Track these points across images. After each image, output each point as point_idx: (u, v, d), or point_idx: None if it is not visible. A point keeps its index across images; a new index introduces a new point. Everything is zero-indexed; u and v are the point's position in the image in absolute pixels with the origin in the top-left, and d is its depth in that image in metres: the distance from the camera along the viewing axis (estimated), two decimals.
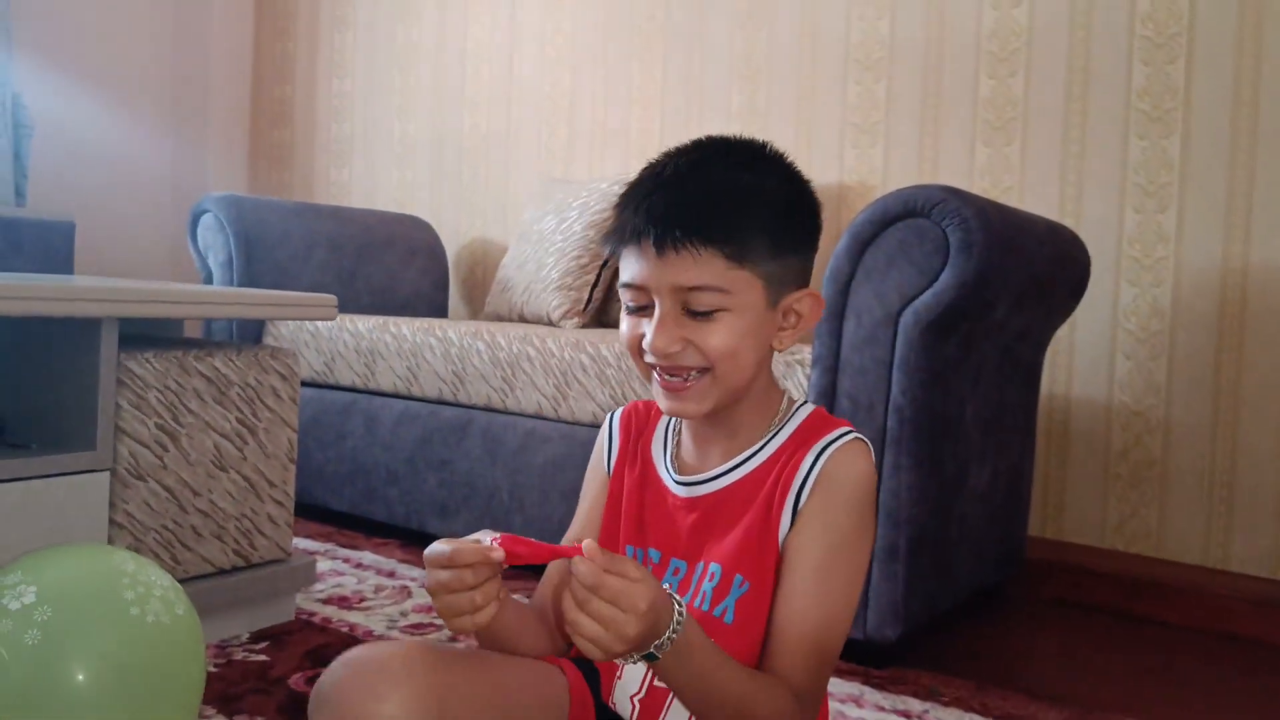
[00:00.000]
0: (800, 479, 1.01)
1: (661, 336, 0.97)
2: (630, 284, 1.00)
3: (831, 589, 0.99)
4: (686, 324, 0.98)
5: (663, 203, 0.98)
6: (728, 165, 1.01)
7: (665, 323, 0.97)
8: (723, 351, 0.97)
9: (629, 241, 0.99)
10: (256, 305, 1.76)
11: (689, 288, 0.96)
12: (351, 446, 2.53)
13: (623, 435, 1.15)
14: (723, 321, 0.97)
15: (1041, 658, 1.96)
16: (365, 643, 1.02)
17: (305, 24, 3.96)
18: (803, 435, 1.04)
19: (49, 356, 1.61)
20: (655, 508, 1.08)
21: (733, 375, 0.99)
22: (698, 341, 0.97)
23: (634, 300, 1.00)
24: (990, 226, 1.67)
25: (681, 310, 0.98)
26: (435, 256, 3.31)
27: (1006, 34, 2.49)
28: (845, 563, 1.00)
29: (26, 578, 1.11)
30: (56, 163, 3.60)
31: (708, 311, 0.97)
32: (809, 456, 1.01)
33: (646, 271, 0.98)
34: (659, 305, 0.98)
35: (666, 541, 1.06)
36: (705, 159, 1.02)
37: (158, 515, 1.64)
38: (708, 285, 0.96)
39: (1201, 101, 2.26)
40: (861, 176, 2.70)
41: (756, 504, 1.02)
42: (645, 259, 0.97)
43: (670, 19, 3.03)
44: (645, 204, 0.98)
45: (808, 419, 1.06)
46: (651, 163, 1.04)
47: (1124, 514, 2.33)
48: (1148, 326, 2.31)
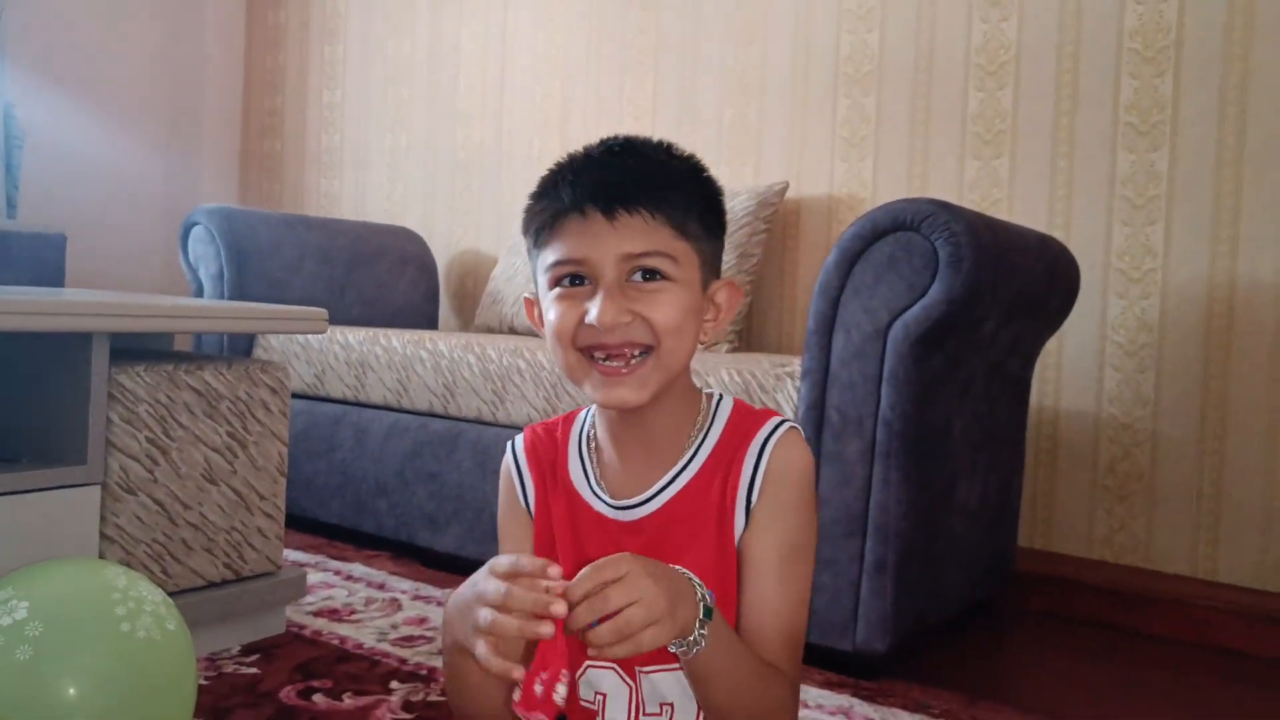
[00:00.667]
0: (747, 478, 1.00)
1: (610, 307, 0.93)
2: (569, 259, 0.95)
3: (796, 580, 1.00)
4: (632, 296, 0.94)
5: (606, 173, 0.96)
6: (653, 150, 1.01)
7: (612, 292, 0.93)
8: (669, 325, 0.94)
9: (568, 213, 0.95)
10: (247, 319, 1.76)
11: (639, 253, 0.94)
12: (341, 459, 2.53)
13: (533, 469, 1.09)
14: (669, 293, 0.95)
15: (1031, 670, 1.97)
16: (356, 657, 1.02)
17: (296, 36, 3.96)
18: (733, 431, 1.03)
19: (40, 370, 1.61)
20: (594, 538, 1.03)
21: (674, 356, 0.96)
22: (645, 313, 0.94)
23: (570, 278, 0.96)
24: (979, 241, 1.68)
25: (625, 282, 0.95)
26: (426, 268, 3.31)
27: (995, 48, 2.51)
28: (803, 553, 1.01)
29: (18, 593, 1.10)
30: (47, 174, 3.60)
31: (654, 277, 0.94)
32: (750, 454, 1.00)
33: (590, 242, 0.94)
34: (605, 277, 0.94)
35: None
36: (629, 145, 1.00)
37: (148, 529, 1.64)
38: (658, 250, 0.94)
39: (1189, 115, 2.28)
40: (851, 190, 2.71)
41: (707, 514, 1.00)
42: (588, 230, 0.94)
43: (662, 33, 3.05)
44: (585, 177, 0.96)
45: (732, 414, 1.04)
46: (568, 155, 1.01)
47: (1112, 526, 2.35)
48: (1136, 339, 2.32)
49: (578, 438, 1.09)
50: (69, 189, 3.67)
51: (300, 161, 3.96)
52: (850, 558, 1.75)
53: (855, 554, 1.75)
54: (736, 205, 2.60)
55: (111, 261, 3.76)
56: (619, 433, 1.04)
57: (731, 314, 1.03)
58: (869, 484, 1.74)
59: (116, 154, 3.85)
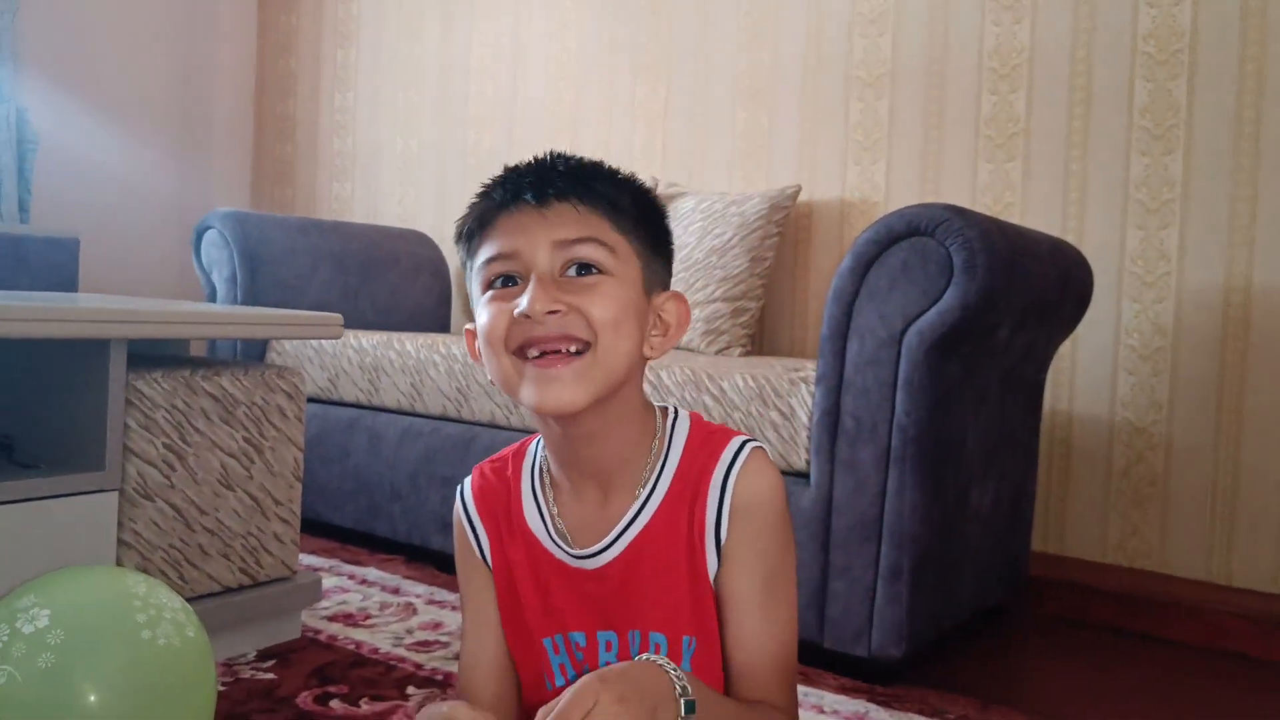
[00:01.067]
0: (714, 512, 0.95)
1: (541, 295, 0.87)
2: (499, 254, 0.91)
3: (779, 611, 0.96)
4: (567, 289, 0.89)
5: (537, 168, 0.94)
6: (590, 160, 0.97)
7: (544, 281, 0.88)
8: (607, 319, 0.88)
9: (499, 209, 0.92)
10: (265, 325, 1.77)
11: (573, 239, 0.89)
12: (355, 463, 2.53)
13: (485, 518, 1.02)
14: (607, 285, 0.90)
15: (1045, 675, 1.97)
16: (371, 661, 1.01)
17: (308, 40, 3.98)
18: (693, 458, 0.97)
19: (57, 377, 1.61)
20: (559, 586, 0.98)
21: (613, 354, 0.89)
22: (582, 306, 0.88)
23: (501, 276, 0.92)
24: (994, 246, 1.68)
25: (560, 276, 0.90)
26: (438, 272, 3.32)
27: (1008, 51, 2.51)
28: (784, 581, 0.97)
29: (39, 601, 1.11)
30: (60, 179, 3.61)
31: (589, 271, 0.90)
32: (714, 485, 0.95)
33: (520, 233, 0.90)
34: (536, 268, 0.89)
35: (586, 619, 0.98)
36: (565, 154, 0.97)
37: (165, 534, 1.64)
38: (591, 236, 0.90)
39: (1203, 119, 2.27)
40: (864, 194, 2.71)
41: (675, 552, 0.96)
42: (518, 222, 0.91)
43: (674, 37, 3.05)
44: (515, 175, 0.94)
45: (690, 435, 0.99)
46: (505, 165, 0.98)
47: (1126, 531, 2.34)
48: (1150, 344, 2.32)
49: (529, 474, 1.02)
50: (81, 193, 3.68)
51: (312, 165, 3.97)
52: (865, 564, 1.75)
53: (870, 560, 1.75)
54: (749, 209, 2.60)
55: (123, 265, 3.77)
56: (568, 460, 0.98)
57: (683, 329, 0.97)
58: (884, 490, 1.74)
59: (129, 158, 3.86)
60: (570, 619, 0.99)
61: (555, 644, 1.00)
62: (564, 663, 1.01)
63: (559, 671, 1.01)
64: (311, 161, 3.97)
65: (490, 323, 0.91)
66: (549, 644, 1.00)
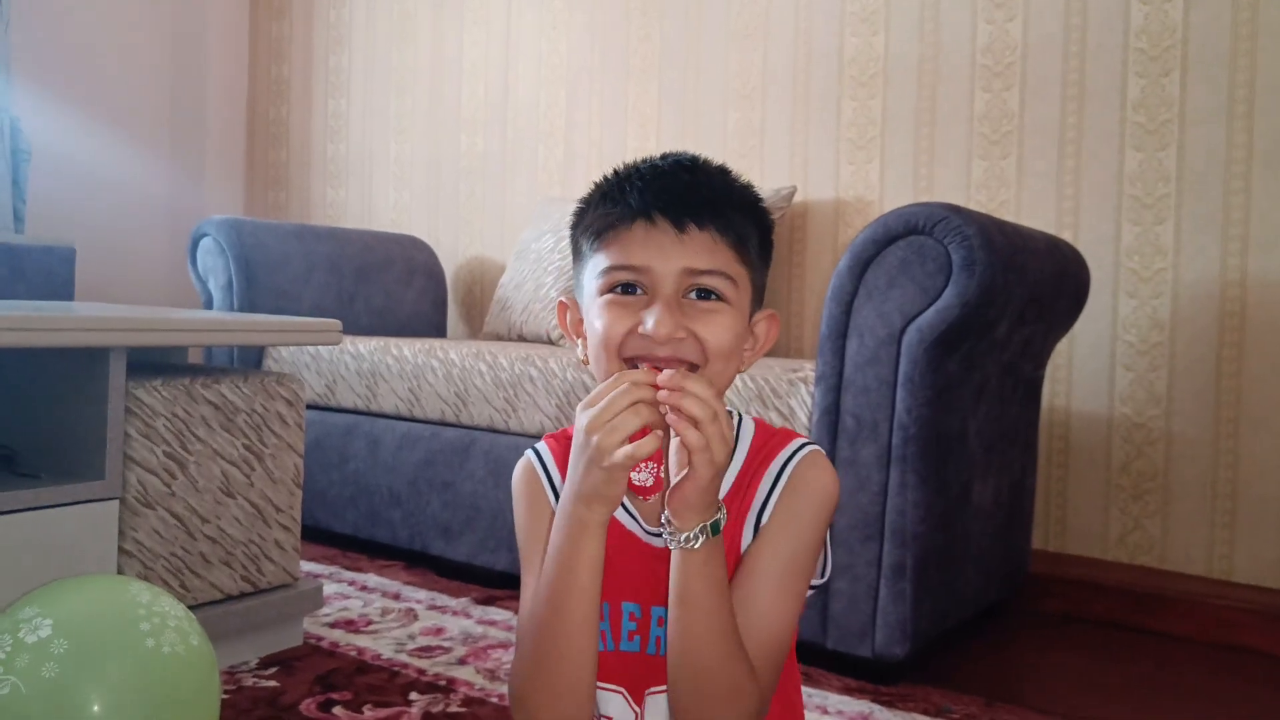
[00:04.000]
0: (764, 494, 0.99)
1: (668, 320, 0.91)
2: (627, 265, 0.93)
3: (788, 597, 0.98)
4: (688, 313, 0.92)
5: (679, 186, 0.94)
6: (719, 172, 0.99)
7: (671, 306, 0.92)
8: (720, 347, 0.93)
9: (634, 219, 0.94)
10: (265, 332, 1.77)
11: (703, 270, 0.92)
12: (354, 469, 2.53)
13: (563, 471, 1.02)
14: (724, 315, 0.93)
15: (1049, 672, 1.97)
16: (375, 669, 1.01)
17: (300, 46, 3.97)
18: (757, 453, 1.02)
19: (57, 386, 1.61)
20: (623, 558, 1.00)
21: (719, 380, 0.94)
22: (700, 333, 0.92)
23: (624, 285, 0.94)
24: (992, 244, 1.68)
25: (682, 296, 0.93)
26: (434, 276, 3.32)
27: (1001, 48, 2.51)
28: (802, 573, 0.99)
29: (43, 611, 1.11)
30: (54, 188, 3.60)
31: (708, 296, 0.93)
32: (771, 471, 1.00)
33: (654, 252, 0.92)
34: (662, 289, 0.92)
35: (644, 592, 1.00)
36: (697, 162, 0.99)
37: (167, 543, 1.64)
38: (720, 270, 0.93)
39: (1197, 114, 2.28)
40: (858, 192, 2.71)
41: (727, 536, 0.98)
42: (653, 239, 0.93)
43: (665, 38, 3.05)
44: (655, 185, 0.94)
45: (756, 435, 1.04)
46: (631, 163, 0.99)
47: (1127, 526, 2.34)
48: (1148, 339, 2.32)
49: None
50: (75, 202, 3.68)
51: (306, 171, 3.96)
52: (868, 562, 1.75)
53: (873, 558, 1.75)
54: None
55: (119, 273, 3.76)
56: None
57: (768, 345, 1.02)
58: (885, 488, 1.74)
59: (122, 166, 3.85)
60: (628, 589, 1.01)
61: (602, 610, 1.02)
62: (606, 629, 1.02)
63: (600, 638, 1.01)
64: (305, 167, 3.96)
65: (609, 329, 0.94)
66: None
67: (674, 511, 0.91)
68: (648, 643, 1.00)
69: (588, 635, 0.95)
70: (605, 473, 0.88)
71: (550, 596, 0.95)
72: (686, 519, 0.90)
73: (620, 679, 1.02)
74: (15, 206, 3.40)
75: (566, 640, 0.94)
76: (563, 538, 0.94)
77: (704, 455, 0.87)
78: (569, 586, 0.93)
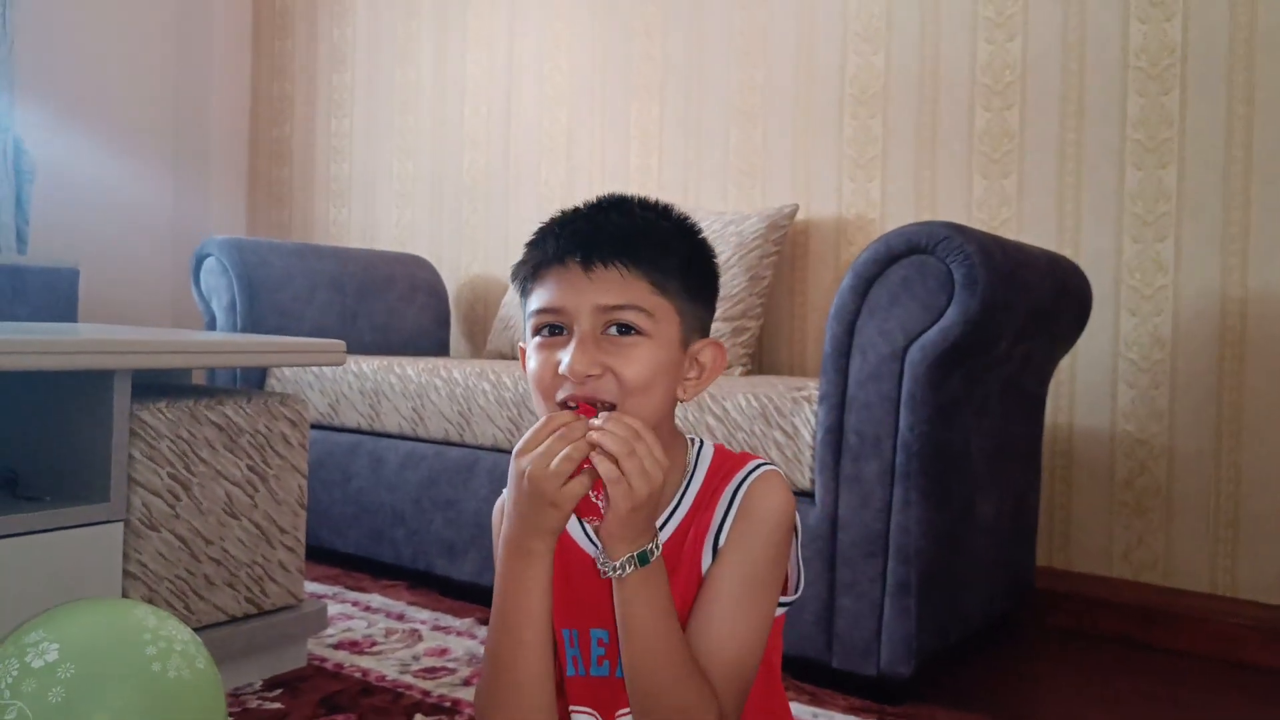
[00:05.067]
0: (719, 517, 1.02)
1: (581, 358, 0.95)
2: (548, 308, 0.98)
3: (749, 618, 1.00)
4: (606, 349, 0.96)
5: (589, 226, 0.99)
6: (644, 209, 1.03)
7: (585, 343, 0.96)
8: (638, 382, 0.96)
9: (550, 263, 0.98)
10: (270, 353, 1.77)
11: (614, 305, 0.96)
12: (357, 488, 2.53)
13: None
14: (643, 349, 0.97)
15: (1054, 689, 1.96)
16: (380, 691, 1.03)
17: (304, 64, 3.99)
18: (713, 477, 1.05)
19: (61, 408, 1.61)
20: (588, 585, 1.03)
21: (640, 413, 0.96)
22: (616, 368, 0.95)
23: (548, 326, 0.99)
24: (994, 262, 1.68)
25: (600, 335, 0.97)
26: (436, 294, 3.32)
27: (1000, 67, 2.52)
28: (763, 593, 1.01)
29: (49, 635, 1.11)
30: (57, 208, 3.62)
31: (628, 331, 0.96)
32: (725, 495, 1.03)
33: (567, 292, 0.97)
34: (579, 327, 0.96)
35: (611, 618, 1.01)
36: (623, 202, 1.03)
37: (171, 565, 1.64)
38: (633, 304, 0.96)
39: (1196, 131, 2.29)
40: (859, 210, 2.72)
41: (683, 560, 1.02)
42: (567, 280, 0.97)
43: (667, 56, 3.06)
44: (569, 229, 0.99)
45: (713, 461, 1.07)
46: (562, 210, 1.04)
47: (1130, 542, 2.34)
48: (1149, 355, 2.33)
49: None
50: (78, 222, 3.69)
51: (309, 189, 3.97)
52: (872, 580, 1.75)
53: (877, 576, 1.75)
54: (746, 228, 2.61)
55: (122, 293, 3.77)
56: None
57: (716, 374, 1.05)
58: (889, 506, 1.74)
59: (125, 186, 3.87)
60: (592, 616, 1.04)
61: (571, 637, 1.06)
62: (577, 655, 1.07)
63: (571, 663, 1.07)
64: (308, 186, 3.97)
65: (538, 372, 0.99)
66: (566, 635, 1.06)
67: (603, 542, 0.95)
68: (617, 667, 1.02)
69: (542, 658, 0.98)
70: (554, 510, 0.93)
71: (502, 621, 0.99)
72: (614, 549, 0.94)
73: (592, 702, 1.06)
74: (18, 227, 3.41)
75: (520, 661, 0.98)
76: (510, 567, 0.98)
77: (619, 488, 0.91)
78: (519, 611, 0.97)
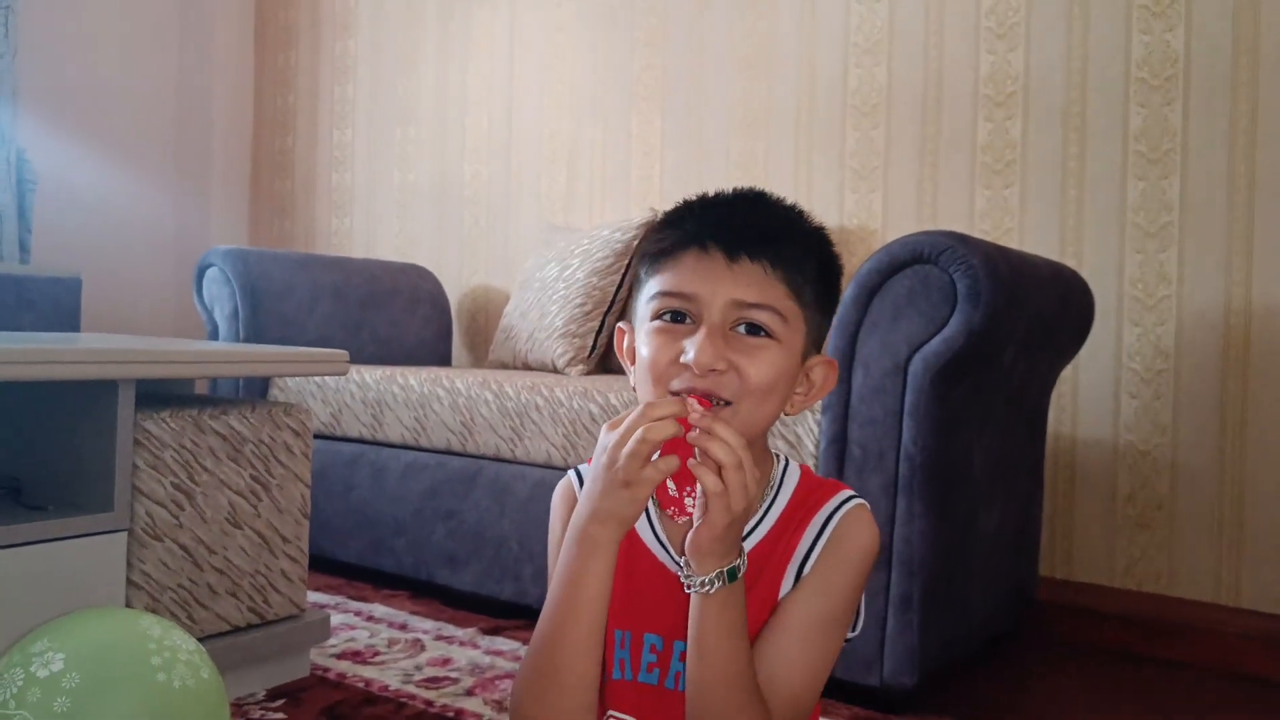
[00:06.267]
0: (807, 544, 0.98)
1: (710, 350, 0.90)
2: (677, 291, 0.93)
3: (818, 651, 0.97)
4: (734, 345, 0.92)
5: (736, 216, 0.95)
6: (786, 208, 1.00)
7: (714, 335, 0.91)
8: (761, 383, 0.92)
9: (689, 245, 0.94)
10: (274, 363, 1.77)
11: (751, 303, 0.92)
12: (359, 498, 2.53)
13: None
14: (770, 351, 0.93)
15: (1058, 700, 1.96)
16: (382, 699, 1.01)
17: (306, 76, 4.00)
18: (801, 499, 1.01)
19: (64, 418, 1.61)
20: (650, 589, 1.00)
21: (754, 416, 0.93)
22: (742, 366, 0.91)
23: (672, 311, 0.94)
24: (997, 273, 1.69)
25: (729, 328, 0.93)
26: (438, 305, 3.33)
27: (1003, 78, 2.53)
28: (835, 630, 0.98)
29: (53, 644, 1.11)
30: (60, 217, 3.62)
31: (757, 332, 0.92)
32: (815, 522, 0.99)
33: (703, 279, 0.92)
34: (708, 317, 0.92)
35: (668, 625, 0.99)
36: (763, 196, 0.99)
37: (174, 574, 1.64)
38: (770, 305, 0.92)
39: (1199, 142, 2.29)
40: (861, 221, 2.72)
41: (760, 580, 0.99)
42: (704, 267, 0.93)
43: (668, 68, 3.07)
44: (713, 214, 0.95)
45: (801, 481, 1.03)
46: (700, 193, 1.00)
47: (1133, 554, 2.34)
48: (1152, 366, 2.33)
49: None
50: (81, 232, 3.69)
51: (311, 200, 3.98)
52: (875, 592, 1.75)
53: (880, 588, 1.74)
54: None
55: (124, 303, 3.78)
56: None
57: (824, 392, 1.01)
58: (892, 518, 1.74)
59: (128, 196, 3.87)
60: (653, 621, 1.00)
61: (623, 638, 1.02)
62: (625, 659, 1.02)
63: (618, 666, 1.02)
64: (310, 197, 3.98)
65: (653, 357, 0.94)
66: (619, 635, 1.02)
67: (691, 555, 0.91)
68: (666, 676, 1.00)
69: (589, 654, 0.94)
70: (628, 493, 0.88)
71: (554, 612, 0.95)
72: (703, 564, 0.90)
73: (633, 710, 1.02)
74: (21, 237, 3.42)
75: (566, 657, 0.94)
76: (572, 555, 0.94)
77: (721, 501, 0.87)
78: (574, 603, 0.93)
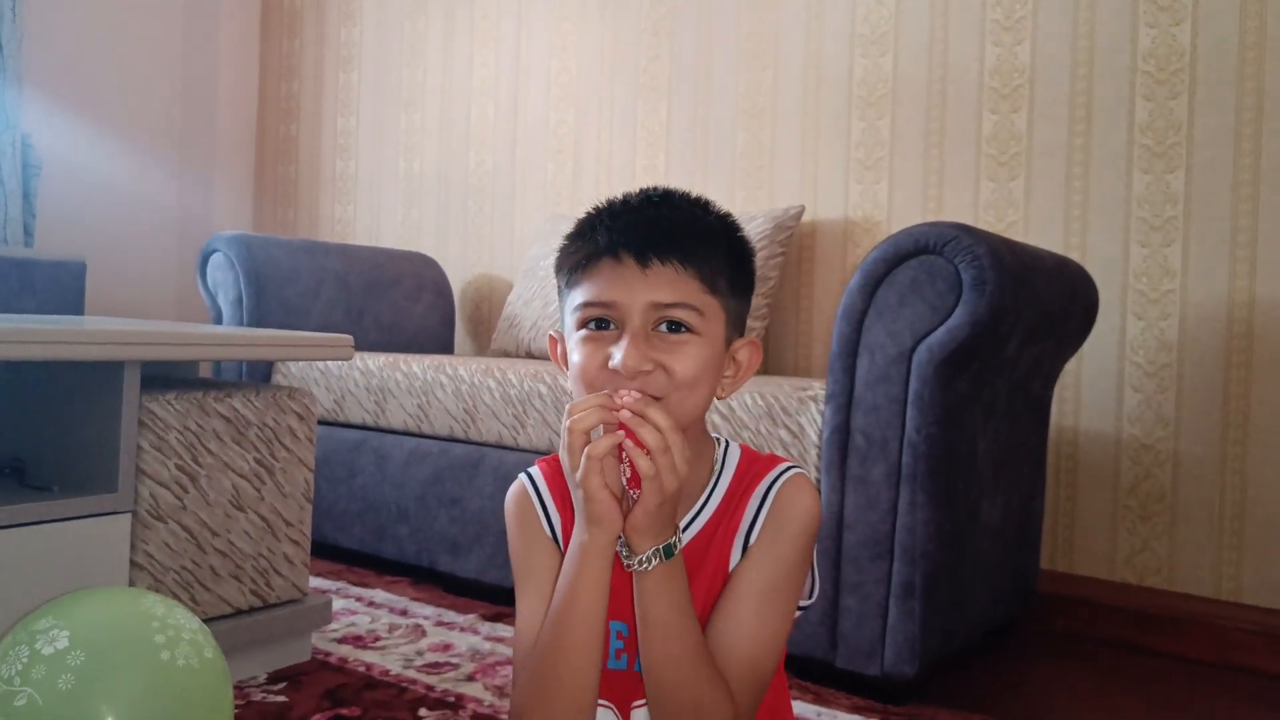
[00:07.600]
0: (750, 517, 1.03)
1: (635, 354, 0.94)
2: (597, 301, 0.98)
3: (771, 618, 1.01)
4: (656, 345, 0.96)
5: (643, 222, 0.98)
6: (690, 204, 1.04)
7: (638, 340, 0.95)
8: (688, 377, 0.96)
9: (602, 256, 0.98)
10: (278, 347, 1.77)
11: (667, 303, 0.96)
12: (362, 484, 2.53)
13: (556, 499, 1.08)
14: (693, 345, 0.97)
15: (1057, 692, 1.96)
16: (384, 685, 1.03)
17: (311, 63, 3.99)
18: (742, 477, 1.06)
19: (70, 399, 1.62)
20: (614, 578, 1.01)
21: (684, 407, 0.97)
22: (667, 364, 0.96)
23: (596, 320, 0.98)
24: (1002, 264, 1.69)
25: (650, 331, 0.97)
26: (442, 293, 3.33)
27: (1009, 70, 2.52)
28: (786, 595, 1.02)
29: (58, 622, 1.11)
30: (65, 202, 3.62)
31: (678, 329, 0.96)
32: (756, 494, 1.03)
33: (620, 288, 0.97)
34: (630, 323, 0.96)
35: (629, 612, 1.01)
36: (668, 196, 1.03)
37: (177, 556, 1.64)
38: (686, 303, 0.96)
39: (1204, 136, 2.29)
40: (866, 212, 2.72)
41: (709, 558, 1.03)
42: (619, 275, 0.97)
43: (675, 58, 3.07)
44: (621, 221, 0.99)
45: (741, 459, 1.08)
46: (607, 200, 1.04)
47: (1135, 547, 2.34)
48: (1155, 360, 2.33)
49: None
50: (85, 216, 3.69)
51: (315, 187, 3.98)
52: (877, 581, 1.75)
53: (882, 577, 1.75)
54: (753, 229, 2.61)
55: (128, 287, 3.78)
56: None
57: (751, 372, 1.06)
58: (895, 507, 1.74)
59: (132, 181, 3.87)
60: (616, 609, 1.02)
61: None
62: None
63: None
64: (314, 184, 3.98)
65: (583, 364, 0.98)
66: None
67: (628, 535, 0.95)
68: (634, 661, 1.03)
69: (589, 659, 0.98)
70: (583, 488, 0.93)
71: (554, 620, 0.99)
72: (640, 542, 0.95)
73: (608, 695, 1.06)
74: (26, 220, 3.42)
75: (566, 663, 0.97)
76: (567, 562, 0.99)
77: (653, 483, 0.91)
78: (570, 609, 0.97)
